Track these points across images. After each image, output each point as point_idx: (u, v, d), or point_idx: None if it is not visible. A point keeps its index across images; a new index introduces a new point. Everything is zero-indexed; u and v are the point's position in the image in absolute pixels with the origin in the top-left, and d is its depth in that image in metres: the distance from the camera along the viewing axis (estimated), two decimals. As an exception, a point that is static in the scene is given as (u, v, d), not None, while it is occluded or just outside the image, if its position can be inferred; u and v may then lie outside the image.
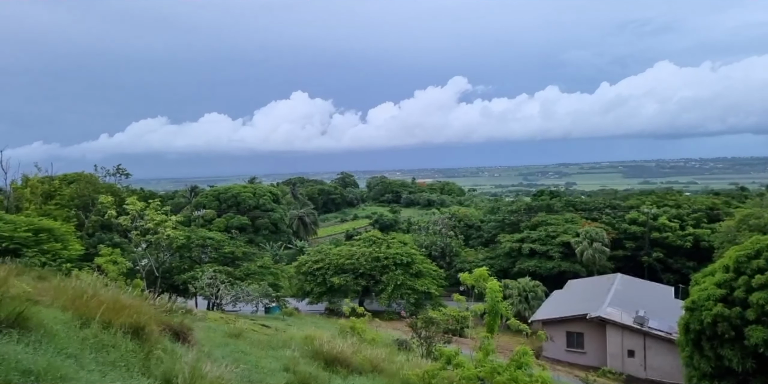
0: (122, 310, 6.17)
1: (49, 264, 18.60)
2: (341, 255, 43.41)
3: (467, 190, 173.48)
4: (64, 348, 4.47)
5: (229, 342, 10.56)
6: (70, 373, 3.88)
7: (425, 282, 41.83)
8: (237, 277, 36.54)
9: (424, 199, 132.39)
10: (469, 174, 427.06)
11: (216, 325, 14.04)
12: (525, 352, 9.06)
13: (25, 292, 6.04)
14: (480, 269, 10.44)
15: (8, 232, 19.44)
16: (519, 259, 53.08)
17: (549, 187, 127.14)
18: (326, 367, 9.48)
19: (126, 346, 5.31)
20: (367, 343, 14.74)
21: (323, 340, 11.03)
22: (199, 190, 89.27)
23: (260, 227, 76.22)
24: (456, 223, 69.33)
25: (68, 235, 23.71)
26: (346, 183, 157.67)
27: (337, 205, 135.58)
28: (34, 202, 38.58)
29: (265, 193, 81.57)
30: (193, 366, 4.98)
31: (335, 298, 41.99)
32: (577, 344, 31.45)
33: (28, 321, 4.61)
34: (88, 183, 44.57)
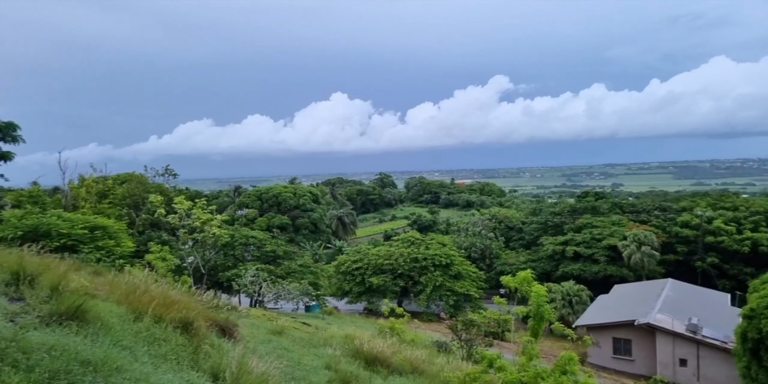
0: (172, 305, 6.37)
1: (103, 260, 19.43)
2: (380, 255, 43.52)
3: (508, 191, 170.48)
4: (119, 340, 4.65)
5: (272, 339, 10.76)
6: (125, 365, 4.03)
7: (464, 284, 41.38)
8: (278, 275, 37.21)
9: (463, 199, 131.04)
10: (509, 175, 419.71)
11: (259, 322, 14.34)
12: (570, 358, 8.78)
13: (83, 286, 6.34)
14: (524, 272, 10.22)
15: (66, 229, 20.40)
16: (562, 263, 51.71)
17: (594, 188, 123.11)
18: (367, 366, 9.52)
19: (176, 340, 5.48)
20: (406, 343, 14.70)
21: (363, 339, 11.08)
22: (242, 190, 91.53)
23: (300, 227, 77.42)
24: (496, 224, 68.25)
25: (121, 233, 24.71)
26: (385, 183, 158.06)
27: (376, 205, 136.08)
28: (89, 201, 40.49)
29: (305, 194, 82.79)
30: (239, 361, 5.08)
31: (374, 298, 42.14)
32: (625, 351, 30.32)
33: (87, 314, 4.82)
34: (139, 183, 46.48)
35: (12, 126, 15.51)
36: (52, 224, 20.17)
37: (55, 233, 19.54)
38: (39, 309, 4.79)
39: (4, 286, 5.39)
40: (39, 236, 18.23)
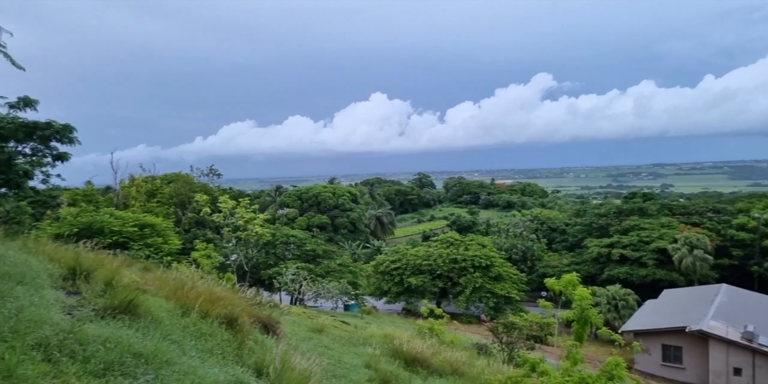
0: (217, 301, 6.53)
1: (152, 257, 20.19)
2: (418, 255, 43.38)
3: (550, 191, 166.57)
4: (169, 334, 4.80)
5: (312, 336, 10.89)
6: (174, 358, 4.15)
7: (505, 286, 40.70)
8: (318, 274, 37.67)
9: (504, 200, 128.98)
10: (552, 175, 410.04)
11: (299, 320, 14.54)
12: (617, 364, 8.47)
13: (134, 281, 6.58)
14: (569, 275, 9.97)
15: (118, 227, 21.33)
16: (608, 266, 50.06)
17: (642, 188, 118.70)
18: (406, 366, 9.49)
19: (221, 335, 5.61)
20: (445, 345, 14.58)
21: (403, 339, 11.06)
22: (283, 190, 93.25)
23: (339, 226, 78.17)
24: (538, 225, 66.83)
25: (168, 231, 25.63)
26: (423, 184, 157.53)
27: (414, 205, 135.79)
28: (138, 200, 42.21)
29: (344, 193, 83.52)
30: (282, 358, 5.15)
31: (412, 299, 42.04)
32: (675, 359, 29.06)
33: (138, 308, 5.00)
34: (185, 182, 48.15)
35: (69, 128, 16.29)
36: (104, 222, 21.12)
37: (107, 230, 20.44)
38: (94, 302, 5.01)
39: (62, 281, 5.66)
40: (93, 233, 19.08)
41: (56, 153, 16.54)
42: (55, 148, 16.50)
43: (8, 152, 15.11)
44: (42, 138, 15.64)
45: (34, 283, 4.97)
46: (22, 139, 15.48)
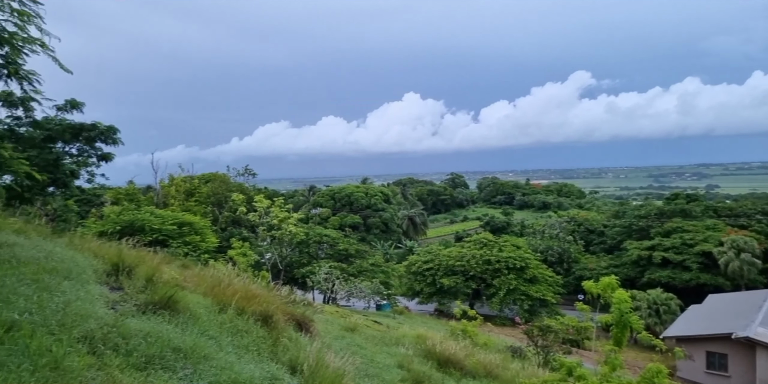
0: (253, 298, 6.64)
1: (190, 254, 20.70)
2: (451, 256, 43.06)
3: (588, 192, 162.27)
4: (206, 330, 4.90)
5: (345, 335, 10.94)
6: (212, 354, 4.23)
7: (540, 288, 39.94)
8: (350, 273, 37.91)
9: (539, 201, 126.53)
10: (589, 175, 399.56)
11: (332, 319, 14.64)
12: (659, 370, 8.16)
13: (174, 278, 6.76)
14: (608, 278, 9.65)
15: (158, 225, 21.97)
16: (649, 269, 48.48)
17: (685, 189, 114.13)
18: (439, 367, 9.42)
19: (257, 332, 5.70)
20: (479, 347, 14.41)
21: (436, 340, 10.98)
22: (316, 190, 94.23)
23: (371, 226, 78.42)
24: (575, 227, 65.30)
25: (206, 229, 26.24)
26: (456, 184, 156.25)
27: (447, 206, 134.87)
28: (177, 199, 43.46)
29: (377, 193, 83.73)
30: (316, 356, 5.19)
31: (445, 299, 41.77)
32: (720, 366, 27.85)
33: (177, 304, 5.12)
34: (222, 182, 49.35)
35: (112, 129, 16.94)
36: (145, 220, 21.81)
37: (148, 228, 21.09)
38: (136, 298, 5.17)
39: (106, 276, 5.86)
40: (134, 231, 19.72)
41: (101, 153, 17.21)
42: (100, 148, 17.17)
43: (56, 153, 15.80)
44: (87, 139, 16.28)
45: (80, 278, 5.16)
46: (69, 140, 16.17)
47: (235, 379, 3.88)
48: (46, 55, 5.72)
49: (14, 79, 6.25)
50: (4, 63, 5.81)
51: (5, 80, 6.25)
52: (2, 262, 4.74)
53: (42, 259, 5.30)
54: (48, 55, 5.71)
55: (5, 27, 5.27)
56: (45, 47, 5.63)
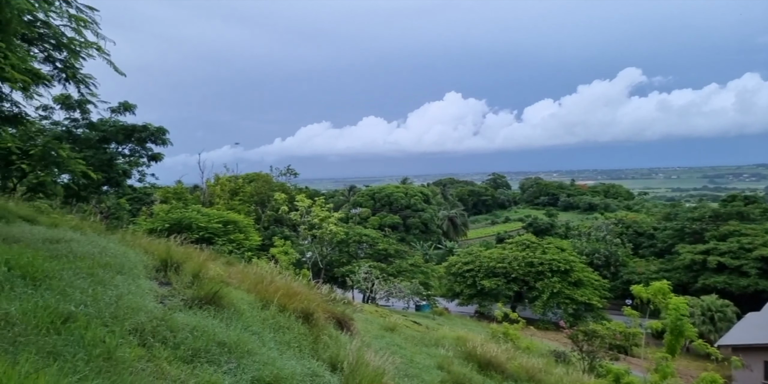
0: (294, 296, 6.73)
1: (234, 252, 21.28)
2: (492, 258, 42.43)
3: (637, 193, 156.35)
4: (249, 326, 5.00)
5: (384, 335, 10.93)
6: (255, 349, 4.31)
7: (585, 292, 38.77)
8: (390, 273, 37.96)
9: (585, 202, 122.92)
10: (639, 176, 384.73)
11: (372, 318, 14.69)
12: (713, 380, 7.78)
13: (219, 274, 6.93)
14: (659, 283, 9.30)
15: (204, 223, 22.72)
16: (702, 274, 46.27)
17: (743, 191, 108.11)
18: (480, 370, 9.26)
19: (298, 329, 5.77)
20: (521, 350, 14.12)
21: (476, 342, 10.82)
22: (356, 190, 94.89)
23: (411, 226, 78.23)
24: (623, 229, 63.05)
25: (249, 228, 26.93)
26: (498, 184, 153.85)
27: (488, 206, 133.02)
28: (222, 198, 44.84)
29: (417, 194, 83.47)
30: (356, 354, 5.20)
31: (485, 302, 41.20)
32: (781, 379, 26.25)
33: (222, 300, 5.25)
34: (265, 182, 50.54)
35: (162, 130, 17.65)
36: (192, 218, 22.57)
37: (195, 226, 21.82)
38: (183, 293, 5.33)
39: (155, 272, 6.07)
40: (182, 229, 20.46)
41: (151, 153, 17.95)
42: (150, 149, 17.91)
43: (110, 153, 16.57)
44: (139, 140, 17.00)
45: (131, 273, 5.36)
46: (122, 141, 16.93)
47: (277, 375, 3.93)
48: (102, 59, 6.00)
49: (72, 83, 6.58)
50: (62, 67, 6.13)
51: (64, 84, 6.59)
52: (60, 257, 4.98)
53: (97, 254, 5.54)
54: (104, 59, 5.99)
55: (64, 32, 5.56)
56: (101, 51, 5.90)
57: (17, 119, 7.00)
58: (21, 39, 5.29)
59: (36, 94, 5.90)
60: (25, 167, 13.12)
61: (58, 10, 5.06)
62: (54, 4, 4.86)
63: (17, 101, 6.39)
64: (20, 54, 4.87)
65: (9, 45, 4.35)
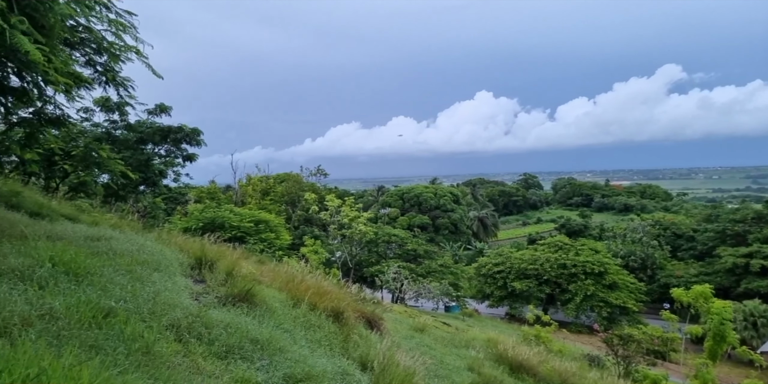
0: (324, 295, 6.76)
1: (265, 250, 21.64)
2: (524, 259, 41.80)
3: (675, 194, 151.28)
4: (281, 323, 5.05)
5: (414, 335, 10.89)
6: (286, 346, 4.35)
7: (620, 295, 37.76)
8: (419, 273, 37.86)
9: (620, 203, 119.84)
10: (677, 176, 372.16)
11: (401, 318, 14.67)
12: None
13: (251, 273, 7.03)
14: (700, 286, 8.99)
15: (236, 223, 23.18)
16: (745, 278, 44.45)
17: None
18: (511, 372, 9.13)
19: (328, 327, 5.80)
20: (553, 353, 13.86)
21: (508, 344, 10.67)
22: (385, 190, 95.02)
23: (440, 227, 77.81)
24: (661, 231, 61.12)
25: (280, 227, 27.33)
26: (529, 184, 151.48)
27: (519, 207, 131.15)
28: (254, 198, 45.63)
29: (446, 194, 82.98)
30: (387, 353, 5.19)
31: (516, 304, 40.63)
32: (831, 390, 24.92)
33: (254, 297, 5.32)
34: (295, 182, 51.19)
35: (197, 131, 18.09)
36: (225, 218, 23.05)
37: (227, 225, 22.28)
38: (217, 290, 5.43)
39: (190, 269, 6.20)
40: (215, 227, 20.92)
41: (186, 154, 18.42)
42: (185, 149, 18.37)
43: (147, 154, 17.08)
44: (174, 141, 17.46)
45: (167, 270, 5.50)
46: (158, 142, 17.43)
47: (308, 373, 3.95)
48: (140, 62, 6.17)
49: (111, 86, 6.80)
50: (103, 70, 6.34)
51: (104, 86, 6.82)
52: (101, 254, 5.15)
53: (135, 251, 5.70)
54: (142, 62, 6.17)
55: (105, 37, 5.75)
56: (140, 54, 6.08)
57: (60, 121, 7.28)
58: (63, 43, 5.49)
59: (78, 96, 6.11)
60: (67, 167, 13.64)
61: (98, 15, 5.24)
62: (95, 10, 5.03)
63: (60, 103, 6.65)
64: (62, 58, 5.06)
65: (52, 49, 4.52)
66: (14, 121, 7.57)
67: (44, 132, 8.63)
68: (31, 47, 3.77)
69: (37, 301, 3.34)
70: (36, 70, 4.49)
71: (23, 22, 3.78)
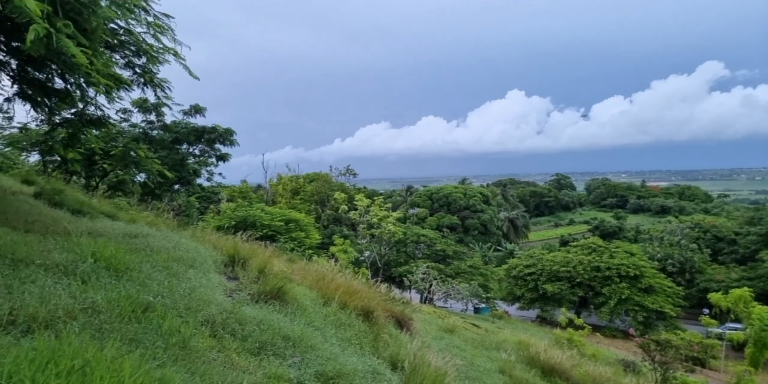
0: (354, 294, 6.79)
1: (296, 249, 21.87)
2: (556, 261, 40.99)
3: (716, 195, 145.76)
4: (312, 321, 5.09)
5: (443, 336, 10.83)
6: (317, 344, 4.38)
7: (657, 299, 36.60)
8: (447, 274, 37.59)
9: (657, 204, 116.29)
10: (718, 177, 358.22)
11: (430, 318, 14.61)
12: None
13: (282, 271, 7.12)
14: (739, 290, 8.61)
15: (267, 221, 23.51)
16: (790, 283, 42.39)
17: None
18: (543, 376, 8.98)
19: (359, 326, 5.82)
20: (586, 358, 13.55)
21: (539, 347, 10.49)
22: (414, 190, 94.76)
23: (470, 227, 77.08)
24: (700, 234, 58.97)
25: (310, 226, 27.60)
26: (562, 185, 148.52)
27: (551, 208, 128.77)
28: (284, 197, 46.22)
29: (476, 194, 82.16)
30: (417, 353, 5.16)
31: (548, 306, 39.89)
32: None
33: (286, 295, 5.38)
34: (325, 181, 51.62)
35: (230, 132, 18.46)
36: (257, 216, 23.41)
37: (259, 224, 22.62)
38: (249, 288, 5.52)
39: (224, 267, 6.33)
40: (247, 226, 21.26)
41: (219, 154, 18.80)
42: (218, 149, 18.76)
43: (182, 153, 17.51)
44: (208, 141, 17.85)
45: (202, 267, 5.62)
46: (192, 142, 17.85)
47: (339, 371, 3.97)
48: (177, 63, 6.33)
49: (149, 87, 6.99)
50: (141, 72, 6.53)
51: (142, 88, 7.02)
52: (139, 250, 5.30)
53: (171, 248, 5.85)
54: (179, 63, 6.32)
55: (144, 39, 5.92)
56: (177, 56, 6.24)
57: (101, 122, 7.53)
58: (104, 46, 5.68)
59: (117, 97, 6.31)
60: (107, 167, 14.11)
61: (138, 18, 5.40)
62: (134, 12, 5.18)
63: (101, 104, 6.88)
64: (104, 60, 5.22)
65: (94, 52, 4.67)
66: (57, 121, 7.87)
67: (86, 132, 8.95)
68: (75, 50, 3.91)
69: (80, 295, 3.46)
70: (79, 72, 4.65)
71: (68, 25, 3.92)
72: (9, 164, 15.14)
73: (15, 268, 3.69)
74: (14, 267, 3.72)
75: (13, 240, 4.30)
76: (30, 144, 14.17)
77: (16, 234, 4.66)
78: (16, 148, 15.22)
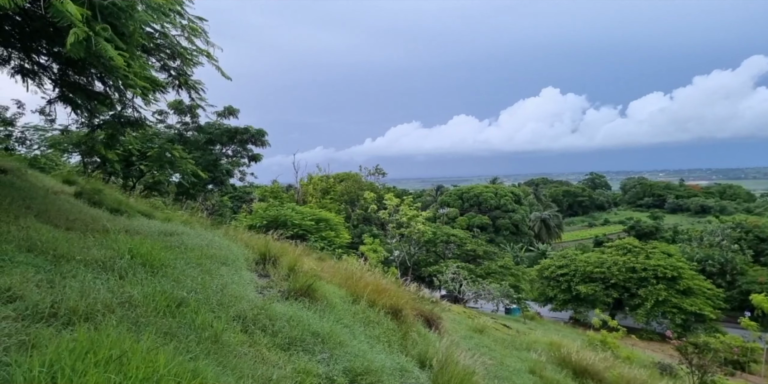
0: (383, 292, 6.81)
1: (325, 248, 22.09)
2: (589, 262, 40.10)
3: (759, 195, 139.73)
4: (341, 318, 5.14)
5: (473, 336, 10.75)
6: (346, 341, 4.42)
7: (696, 301, 35.37)
8: (478, 274, 37.28)
9: (696, 204, 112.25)
10: (762, 176, 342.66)
11: (460, 318, 14.51)
12: None
13: (312, 269, 7.20)
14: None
15: (298, 221, 23.83)
16: (840, 286, 40.30)
17: None
18: (575, 377, 8.81)
19: (387, 324, 5.84)
20: (620, 360, 13.22)
21: (571, 348, 10.30)
22: (444, 190, 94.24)
23: (500, 227, 76.15)
24: (742, 234, 56.67)
25: (340, 225, 27.81)
26: (596, 184, 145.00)
27: (585, 208, 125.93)
28: (315, 197, 46.70)
29: (507, 194, 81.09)
30: (446, 352, 5.15)
31: (581, 308, 39.07)
32: None
33: (315, 293, 5.45)
34: (354, 181, 51.92)
35: (262, 133, 18.79)
36: (288, 216, 23.74)
37: (290, 223, 22.94)
38: (280, 285, 5.61)
39: (255, 264, 6.45)
40: (278, 225, 21.58)
41: (251, 154, 19.16)
42: (251, 150, 19.13)
43: (215, 154, 17.92)
44: (241, 141, 18.22)
45: (234, 264, 5.74)
46: (225, 143, 18.25)
47: (367, 367, 4.00)
48: (210, 65, 6.49)
49: (184, 89, 7.18)
50: (176, 74, 6.72)
51: (177, 90, 7.22)
52: (173, 248, 5.45)
53: (204, 246, 6.00)
54: (212, 65, 6.47)
55: (179, 42, 6.09)
56: (211, 58, 6.39)
57: (138, 123, 7.80)
58: (141, 49, 5.87)
59: (154, 99, 6.50)
60: (143, 168, 14.57)
61: (173, 22, 5.56)
62: (169, 16, 5.34)
63: (138, 106, 7.12)
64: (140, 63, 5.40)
65: (131, 55, 4.83)
66: (96, 123, 8.18)
67: (124, 133, 9.27)
68: (113, 53, 4.06)
69: (117, 290, 3.59)
70: (117, 75, 4.83)
71: (106, 29, 4.08)
72: (51, 165, 15.80)
73: (57, 264, 3.85)
74: (56, 263, 3.88)
75: (55, 237, 4.49)
76: (71, 145, 14.77)
77: (57, 231, 4.87)
78: (57, 149, 15.89)
